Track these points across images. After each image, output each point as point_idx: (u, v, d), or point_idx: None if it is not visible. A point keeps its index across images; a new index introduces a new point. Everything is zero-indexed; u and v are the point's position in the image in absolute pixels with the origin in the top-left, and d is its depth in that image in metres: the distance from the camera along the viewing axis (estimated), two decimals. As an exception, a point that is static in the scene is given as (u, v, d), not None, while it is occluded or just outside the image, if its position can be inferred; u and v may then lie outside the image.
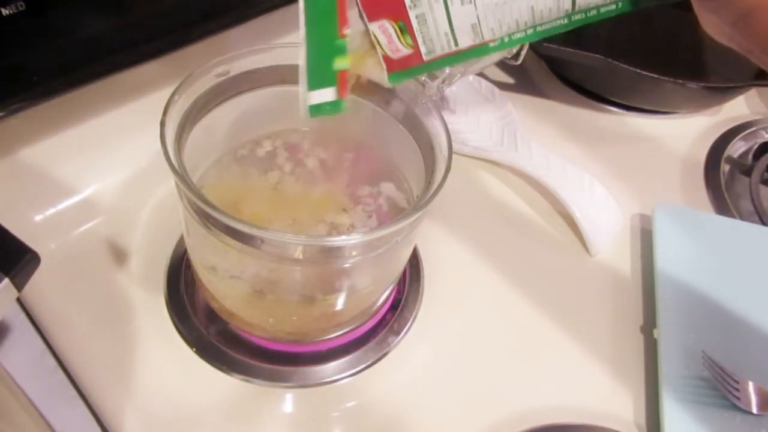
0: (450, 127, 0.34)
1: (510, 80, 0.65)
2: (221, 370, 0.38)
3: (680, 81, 0.57)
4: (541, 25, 0.28)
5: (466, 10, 0.27)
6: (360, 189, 0.38)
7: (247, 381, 0.38)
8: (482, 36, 0.28)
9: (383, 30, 0.29)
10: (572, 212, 0.49)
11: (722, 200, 0.56)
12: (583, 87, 0.64)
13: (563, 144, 0.58)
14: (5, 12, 0.34)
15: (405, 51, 0.30)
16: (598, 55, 0.56)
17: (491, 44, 0.29)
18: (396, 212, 0.38)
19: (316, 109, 0.33)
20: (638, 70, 0.56)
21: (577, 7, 0.27)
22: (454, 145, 0.34)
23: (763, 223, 0.53)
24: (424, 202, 0.31)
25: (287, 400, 0.39)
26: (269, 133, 0.40)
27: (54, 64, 0.39)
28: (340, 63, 0.31)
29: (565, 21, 0.28)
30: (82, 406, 0.36)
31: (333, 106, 0.33)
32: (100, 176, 0.46)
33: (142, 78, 0.45)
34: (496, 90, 0.60)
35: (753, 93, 0.70)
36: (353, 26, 0.31)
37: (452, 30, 0.28)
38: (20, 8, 0.35)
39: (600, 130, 0.62)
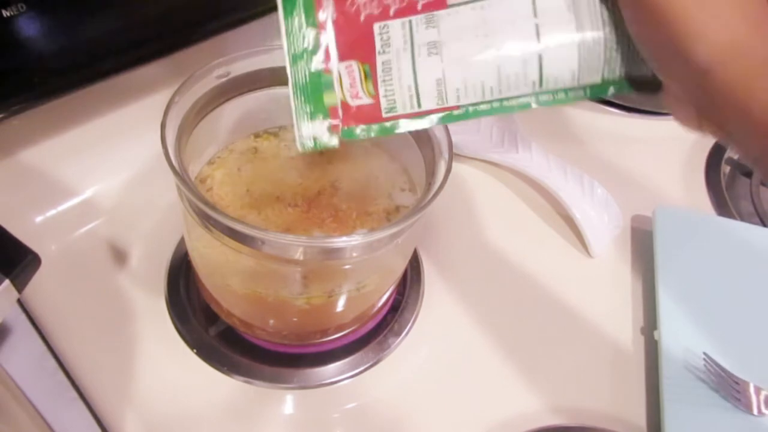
0: (450, 128, 0.34)
1: (510, 81, 0.65)
2: (222, 371, 0.38)
3: (681, 82, 0.56)
4: (507, 99, 0.27)
5: (432, 61, 0.26)
6: (361, 189, 0.38)
7: (247, 382, 0.38)
8: (446, 99, 0.27)
9: (350, 71, 0.28)
10: (572, 213, 0.49)
11: (723, 201, 0.56)
12: (584, 88, 0.64)
13: (563, 145, 0.58)
14: (6, 13, 0.34)
15: (365, 100, 0.28)
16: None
17: (455, 112, 0.27)
18: (397, 213, 0.38)
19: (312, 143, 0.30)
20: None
21: (543, 83, 0.26)
22: (454, 146, 0.34)
23: (764, 225, 0.53)
24: (425, 203, 0.31)
25: (288, 402, 0.39)
26: (269, 134, 0.40)
27: (54, 65, 0.39)
28: (328, 98, 0.29)
29: (532, 99, 0.27)
30: (82, 407, 0.36)
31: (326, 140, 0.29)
32: (101, 177, 0.46)
33: (142, 79, 0.45)
34: (497, 91, 0.60)
35: (753, 94, 0.69)
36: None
37: (416, 84, 0.27)
38: (21, 10, 0.35)
39: (600, 131, 0.62)
